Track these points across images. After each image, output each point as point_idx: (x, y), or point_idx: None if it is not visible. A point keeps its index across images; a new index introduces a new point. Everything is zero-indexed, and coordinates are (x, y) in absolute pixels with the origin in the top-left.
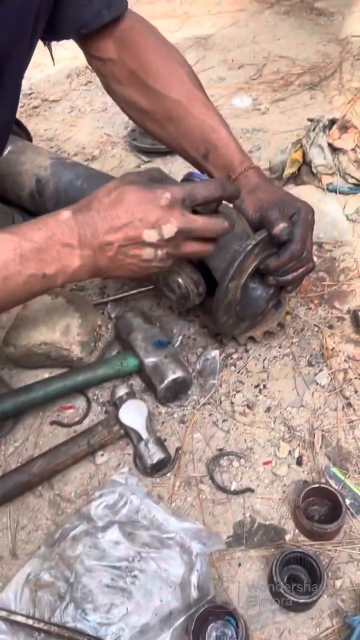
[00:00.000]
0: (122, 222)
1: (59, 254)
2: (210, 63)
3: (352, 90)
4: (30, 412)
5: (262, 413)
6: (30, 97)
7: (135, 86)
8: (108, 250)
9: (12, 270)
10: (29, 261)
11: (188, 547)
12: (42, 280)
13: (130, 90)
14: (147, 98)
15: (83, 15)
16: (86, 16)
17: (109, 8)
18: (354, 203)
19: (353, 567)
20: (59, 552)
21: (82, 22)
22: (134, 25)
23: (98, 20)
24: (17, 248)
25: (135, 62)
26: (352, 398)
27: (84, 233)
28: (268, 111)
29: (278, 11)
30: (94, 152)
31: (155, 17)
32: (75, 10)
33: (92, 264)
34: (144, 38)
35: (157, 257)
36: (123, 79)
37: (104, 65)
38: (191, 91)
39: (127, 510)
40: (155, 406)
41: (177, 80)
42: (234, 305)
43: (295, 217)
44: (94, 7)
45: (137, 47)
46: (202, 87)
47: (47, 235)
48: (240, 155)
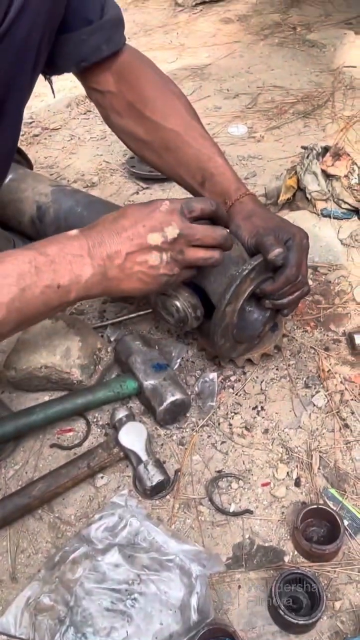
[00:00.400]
0: (126, 228)
1: (70, 265)
2: (206, 92)
3: (345, 119)
4: (30, 435)
5: (260, 434)
6: (31, 126)
7: (134, 117)
8: (116, 258)
9: (29, 282)
10: (43, 272)
11: (188, 570)
12: (57, 292)
13: (128, 121)
14: (145, 129)
15: (83, 50)
16: (86, 51)
17: (108, 43)
18: (347, 228)
19: (352, 589)
20: (59, 576)
21: (82, 56)
22: (132, 59)
23: (98, 55)
24: (32, 260)
25: (133, 94)
26: (348, 419)
27: (92, 244)
28: (263, 139)
29: (272, 43)
30: (93, 178)
31: (153, 48)
32: (76, 45)
33: (102, 273)
34: (141, 71)
35: (163, 261)
36: (121, 110)
37: (103, 98)
38: (187, 121)
39: (126, 533)
40: (154, 428)
41: (174, 111)
42: (231, 329)
43: (290, 242)
44: (94, 42)
45: (134, 79)
46: (198, 117)
47: (59, 248)
48: (235, 182)
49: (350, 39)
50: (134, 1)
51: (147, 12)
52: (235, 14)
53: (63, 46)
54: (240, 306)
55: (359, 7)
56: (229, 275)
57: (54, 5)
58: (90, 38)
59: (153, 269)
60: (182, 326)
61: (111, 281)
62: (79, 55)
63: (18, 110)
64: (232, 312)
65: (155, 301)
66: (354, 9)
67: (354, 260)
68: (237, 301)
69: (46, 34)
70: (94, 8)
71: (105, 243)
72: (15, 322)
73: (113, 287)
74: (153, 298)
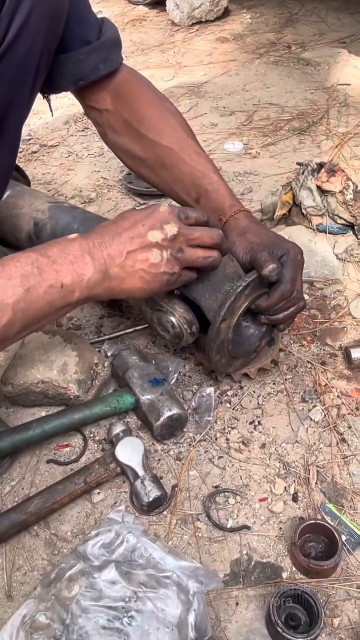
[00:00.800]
0: (125, 228)
1: (72, 264)
2: (202, 110)
3: (339, 136)
4: (26, 450)
5: (257, 449)
6: (29, 143)
7: (130, 135)
8: (117, 257)
9: (33, 282)
10: (46, 272)
11: (185, 586)
12: (61, 291)
13: (125, 138)
14: (141, 146)
15: (81, 69)
16: (84, 70)
17: (105, 62)
18: (343, 243)
19: (351, 605)
20: (55, 593)
21: (80, 75)
22: (129, 78)
23: (95, 74)
24: (34, 262)
25: (130, 112)
26: (345, 434)
27: (92, 244)
28: (259, 155)
29: (267, 61)
30: (91, 194)
31: (150, 66)
32: (74, 65)
33: (103, 271)
34: (138, 89)
35: (164, 259)
36: (118, 128)
37: (101, 116)
38: (183, 139)
39: (123, 549)
40: (151, 443)
41: (169, 128)
42: (227, 345)
43: (285, 258)
44: (91, 62)
45: (131, 98)
46: (194, 135)
47: (60, 249)
48: (230, 199)
49: (344, 57)
50: (131, 21)
51: (144, 31)
52: (230, 33)
53: (61, 65)
54: (235, 322)
55: (352, 27)
56: (224, 291)
57: (53, 25)
58: (88, 58)
59: (154, 267)
60: (177, 342)
61: (113, 280)
62: (77, 74)
63: (17, 128)
64: (227, 328)
65: (151, 317)
66: (348, 28)
67: (350, 275)
68: (232, 317)
69: (45, 53)
70: (92, 29)
71: (106, 243)
72: (21, 324)
73: (115, 287)
74: (149, 314)
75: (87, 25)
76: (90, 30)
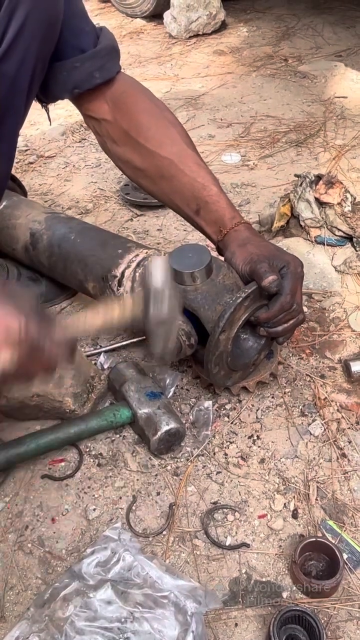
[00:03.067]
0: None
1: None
2: (200, 122)
3: (337, 148)
4: (21, 466)
5: (256, 464)
6: (26, 153)
7: (129, 145)
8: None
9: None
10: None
11: (183, 607)
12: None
13: (124, 149)
14: (140, 156)
15: (76, 77)
16: (79, 78)
17: (101, 71)
18: (341, 255)
19: (353, 626)
20: (49, 614)
21: (74, 83)
22: (127, 87)
23: (90, 82)
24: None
25: (128, 122)
26: (346, 448)
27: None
28: (256, 167)
29: (264, 74)
30: (88, 205)
31: (147, 78)
32: (69, 73)
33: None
34: (137, 99)
35: None
36: (117, 138)
37: (100, 125)
38: (182, 150)
39: (119, 568)
40: (148, 458)
41: (169, 139)
42: (225, 357)
43: (285, 270)
44: (86, 70)
45: (129, 108)
46: (194, 146)
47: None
48: (230, 211)
49: (340, 70)
50: (128, 33)
51: (142, 44)
52: (227, 46)
53: (56, 73)
54: (234, 334)
55: (348, 41)
56: (223, 302)
57: (48, 31)
58: (83, 66)
59: None
60: (176, 354)
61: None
62: (72, 82)
63: (12, 136)
64: (226, 340)
65: None
66: (344, 42)
67: (349, 287)
68: (231, 329)
69: (40, 61)
70: (88, 37)
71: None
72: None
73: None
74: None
75: (82, 34)
76: (86, 39)
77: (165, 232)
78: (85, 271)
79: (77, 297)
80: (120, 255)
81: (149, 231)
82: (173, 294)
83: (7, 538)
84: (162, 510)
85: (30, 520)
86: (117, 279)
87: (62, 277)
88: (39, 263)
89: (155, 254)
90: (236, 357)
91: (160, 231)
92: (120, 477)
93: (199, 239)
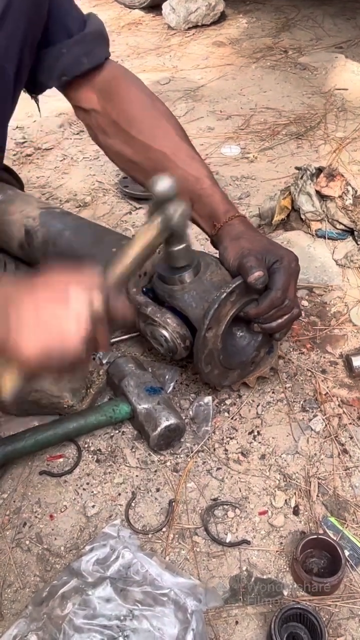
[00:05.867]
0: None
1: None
2: (199, 114)
3: (337, 140)
4: (18, 461)
5: (256, 460)
6: (23, 146)
7: (120, 137)
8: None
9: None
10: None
11: (183, 604)
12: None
13: (115, 140)
14: (132, 149)
15: (62, 63)
16: (66, 63)
17: (88, 56)
18: (342, 248)
19: (354, 624)
20: (47, 612)
21: (61, 69)
22: (116, 76)
23: (78, 68)
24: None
25: (118, 113)
26: (347, 444)
27: None
28: (256, 159)
29: (264, 65)
30: (86, 198)
31: (146, 70)
32: (55, 59)
33: None
34: (127, 89)
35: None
36: (108, 129)
37: (89, 116)
38: (176, 142)
39: (119, 565)
40: (147, 454)
41: (162, 131)
42: (217, 355)
43: (278, 265)
44: (73, 54)
45: (119, 98)
46: (187, 138)
47: None
48: (225, 205)
49: (341, 62)
50: (127, 24)
51: (140, 35)
52: (227, 38)
53: (43, 60)
54: (223, 331)
55: (349, 32)
56: (210, 300)
57: (33, 15)
58: (70, 51)
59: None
60: (172, 355)
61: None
62: (59, 68)
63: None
64: (214, 337)
65: (144, 330)
66: (344, 33)
67: (350, 281)
68: (218, 326)
69: (27, 46)
70: (75, 22)
71: None
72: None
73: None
74: (142, 327)
75: (69, 19)
76: (73, 24)
77: None
78: None
79: None
80: (114, 254)
81: None
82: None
83: (5, 535)
84: (161, 507)
85: (28, 517)
86: None
87: None
88: (35, 260)
89: None
90: (232, 355)
91: None
92: (120, 474)
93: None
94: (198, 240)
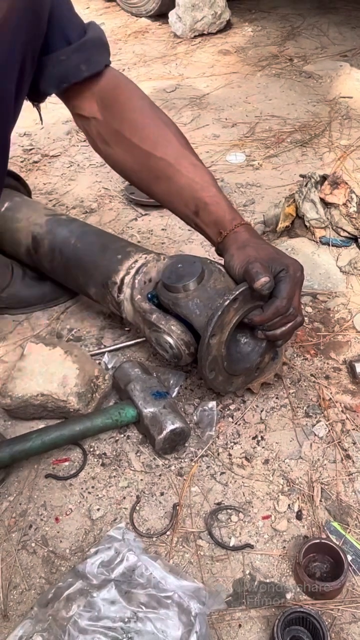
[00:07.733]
0: None
1: None
2: (205, 121)
3: (342, 148)
4: (24, 465)
5: (260, 465)
6: (30, 153)
7: (122, 146)
8: None
9: None
10: None
11: (187, 607)
12: None
13: (116, 149)
14: (134, 157)
15: (62, 70)
16: (65, 70)
17: (87, 63)
18: (346, 255)
19: (357, 628)
20: (52, 613)
21: (61, 77)
22: (117, 84)
23: (77, 75)
24: None
25: (120, 121)
26: (350, 450)
27: None
28: (261, 167)
29: (269, 73)
30: (92, 205)
31: (152, 78)
32: (55, 66)
33: None
34: (128, 97)
35: None
36: (109, 138)
37: (89, 124)
38: (178, 150)
39: (123, 568)
40: (152, 458)
41: (164, 139)
42: (221, 361)
43: (283, 274)
44: (73, 62)
45: (121, 106)
46: (190, 146)
47: None
48: (230, 212)
49: (346, 70)
50: (133, 33)
51: (147, 43)
52: (232, 46)
53: (43, 68)
54: (227, 337)
55: (354, 41)
56: (214, 307)
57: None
58: (69, 58)
59: None
60: (177, 361)
61: None
62: (59, 75)
63: (4, 133)
64: (218, 344)
65: (149, 336)
66: (349, 42)
67: (354, 288)
68: (222, 332)
69: (29, 54)
70: (75, 30)
71: None
72: None
73: None
74: (147, 333)
75: (69, 27)
76: (72, 32)
77: (170, 232)
78: (85, 277)
79: (82, 297)
80: (120, 261)
81: (153, 231)
82: None
83: (11, 537)
84: (166, 511)
85: (34, 520)
86: (117, 286)
87: (64, 281)
88: (42, 266)
89: (154, 259)
90: (236, 362)
91: (165, 231)
92: (124, 477)
93: (201, 238)
94: (203, 247)
